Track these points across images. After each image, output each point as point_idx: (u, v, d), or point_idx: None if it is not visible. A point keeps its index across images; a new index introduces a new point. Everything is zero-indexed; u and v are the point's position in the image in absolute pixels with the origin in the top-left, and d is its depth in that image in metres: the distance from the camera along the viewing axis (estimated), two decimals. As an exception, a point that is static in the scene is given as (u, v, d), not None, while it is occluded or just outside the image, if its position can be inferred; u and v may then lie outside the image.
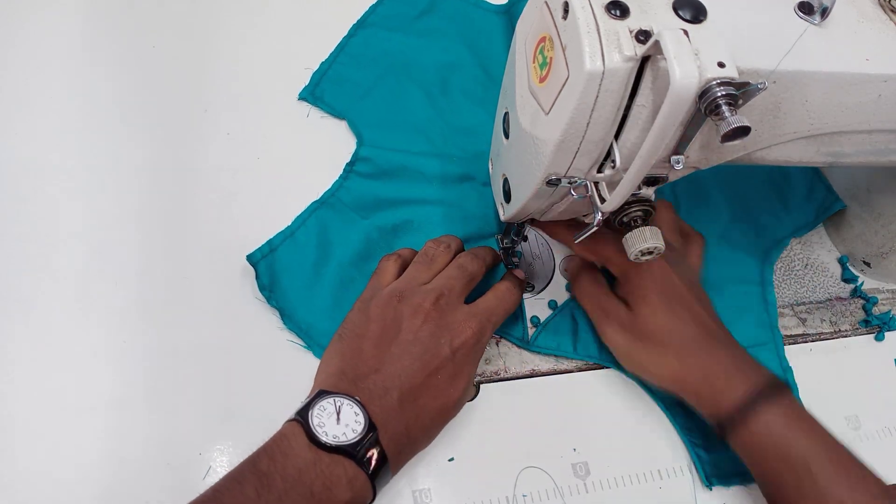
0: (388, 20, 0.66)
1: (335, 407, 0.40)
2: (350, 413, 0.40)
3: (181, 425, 0.46)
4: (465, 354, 0.44)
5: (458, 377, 0.44)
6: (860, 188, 0.58)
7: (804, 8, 0.38)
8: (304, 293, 0.51)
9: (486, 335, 0.46)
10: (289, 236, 0.53)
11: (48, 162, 0.54)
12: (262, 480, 0.37)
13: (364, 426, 0.39)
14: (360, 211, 0.55)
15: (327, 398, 0.40)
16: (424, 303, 0.44)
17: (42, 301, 0.48)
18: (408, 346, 0.43)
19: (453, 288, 0.46)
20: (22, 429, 0.44)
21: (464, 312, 0.45)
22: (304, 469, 0.38)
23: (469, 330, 0.44)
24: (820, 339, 0.56)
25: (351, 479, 0.39)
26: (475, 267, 0.48)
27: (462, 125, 0.61)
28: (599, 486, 0.47)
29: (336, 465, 0.38)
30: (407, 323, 0.44)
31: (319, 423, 0.39)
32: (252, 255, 0.51)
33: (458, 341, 0.44)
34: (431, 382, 0.42)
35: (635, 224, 0.42)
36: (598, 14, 0.33)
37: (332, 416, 0.39)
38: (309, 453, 0.38)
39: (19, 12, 0.61)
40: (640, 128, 0.36)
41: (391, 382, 0.42)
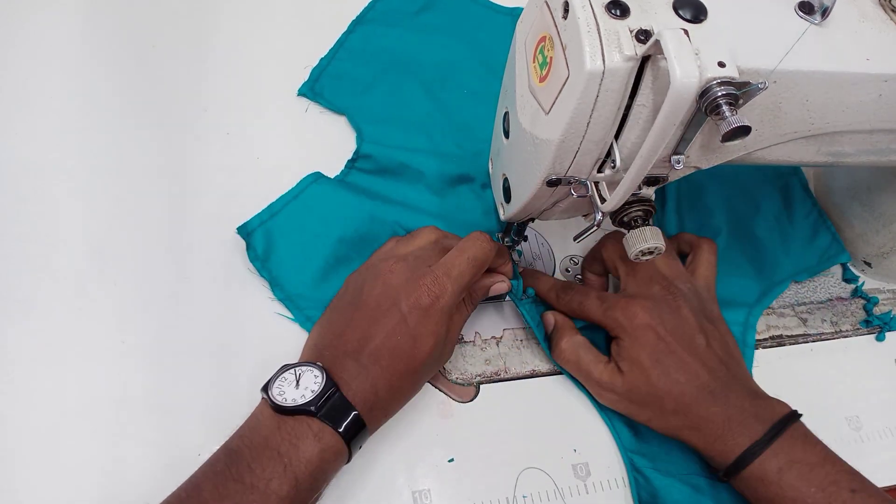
0: (387, 16, 0.66)
1: (295, 376, 0.41)
2: (310, 377, 0.41)
3: (180, 426, 0.46)
4: (420, 314, 0.43)
5: (418, 338, 0.43)
6: (861, 188, 0.58)
7: (804, 7, 0.38)
8: (299, 262, 0.51)
9: (446, 293, 0.44)
10: (291, 200, 0.53)
11: (48, 162, 0.54)
12: (230, 456, 0.39)
13: (322, 385, 0.40)
14: (367, 194, 0.55)
15: (289, 369, 0.41)
16: (385, 266, 0.45)
17: (42, 301, 0.48)
18: (368, 311, 0.43)
19: (420, 256, 0.46)
20: (21, 429, 0.44)
21: (419, 272, 0.44)
22: (270, 436, 0.39)
23: (422, 287, 0.43)
24: (821, 339, 0.56)
25: (317, 433, 0.39)
26: (454, 241, 0.48)
27: (462, 122, 0.61)
28: (600, 486, 0.47)
29: (299, 424, 0.39)
30: (367, 288, 0.44)
31: (279, 392, 0.40)
32: (248, 223, 0.51)
33: (410, 300, 0.43)
34: (391, 343, 0.42)
35: (635, 224, 0.42)
36: (598, 14, 0.33)
37: (292, 384, 0.41)
38: (272, 421, 0.40)
39: (19, 12, 0.61)
40: (641, 127, 0.35)
41: (351, 347, 0.42)
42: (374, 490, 0.44)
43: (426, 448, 0.47)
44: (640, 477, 0.47)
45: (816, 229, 0.61)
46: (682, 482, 0.47)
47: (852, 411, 0.53)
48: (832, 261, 0.59)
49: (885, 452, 0.51)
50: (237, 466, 0.38)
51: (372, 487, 0.44)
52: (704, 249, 0.52)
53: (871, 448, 0.51)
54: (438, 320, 0.44)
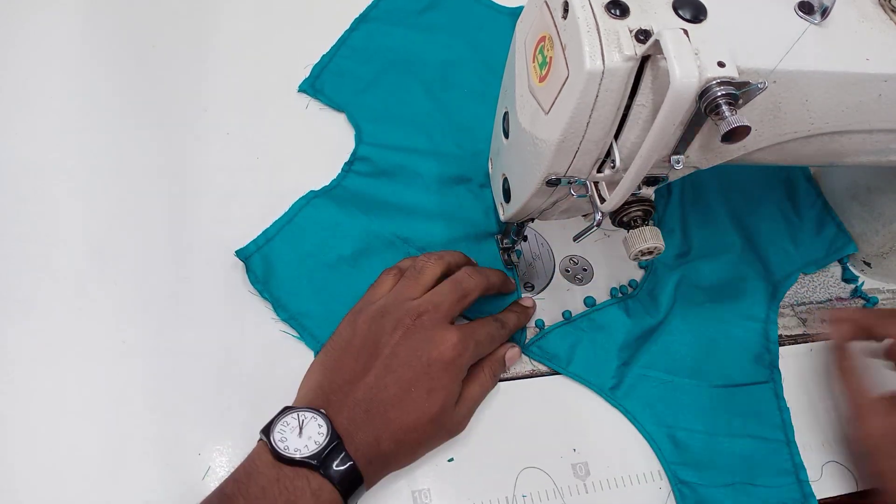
0: (390, 15, 0.66)
1: (298, 422, 0.40)
2: (314, 426, 0.40)
3: (180, 425, 0.45)
4: (442, 368, 0.43)
5: (434, 392, 0.43)
6: (860, 188, 0.58)
7: (804, 7, 0.38)
8: (299, 282, 0.51)
9: (467, 353, 0.45)
10: (286, 224, 0.53)
11: (48, 162, 0.54)
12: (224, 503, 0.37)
13: (326, 437, 0.39)
14: (361, 206, 0.55)
15: (291, 413, 0.40)
16: (406, 318, 0.44)
17: (42, 301, 0.48)
18: (384, 360, 0.43)
19: (440, 304, 0.45)
20: (21, 428, 0.44)
21: (445, 327, 0.44)
22: (267, 486, 0.38)
23: (447, 342, 0.44)
24: (821, 339, 0.56)
25: (315, 490, 0.38)
26: (472, 283, 0.47)
27: (461, 122, 0.61)
28: (599, 486, 0.47)
29: (299, 478, 0.38)
30: (386, 338, 0.44)
31: (281, 439, 0.39)
32: (244, 248, 0.51)
33: (435, 353, 0.43)
34: (405, 395, 0.42)
35: (635, 224, 0.42)
36: (597, 13, 0.33)
37: (295, 431, 0.39)
38: (272, 470, 0.38)
39: (19, 12, 0.61)
40: (640, 127, 0.35)
41: (361, 395, 0.42)
42: (374, 490, 0.44)
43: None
44: (686, 488, 0.47)
45: (822, 220, 0.61)
46: (727, 490, 0.47)
47: (852, 411, 0.53)
48: (840, 252, 0.59)
49: (884, 452, 0.51)
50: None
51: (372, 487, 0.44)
52: None
53: (871, 448, 0.51)
54: (455, 376, 0.44)
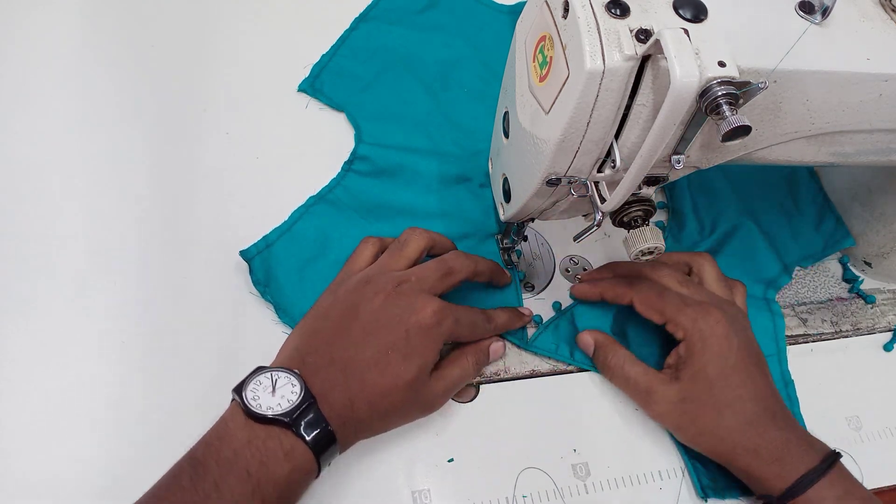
0: (390, 14, 0.66)
1: (271, 381, 0.40)
2: (287, 385, 0.40)
3: (180, 425, 0.45)
4: (420, 333, 0.43)
5: (410, 357, 0.42)
6: (861, 188, 0.58)
7: (805, 7, 0.38)
8: (300, 288, 0.51)
9: (447, 323, 0.44)
10: (285, 231, 0.53)
11: (47, 161, 0.54)
12: (196, 469, 0.37)
13: (299, 395, 0.39)
14: (359, 210, 0.55)
15: (264, 373, 0.40)
16: (387, 285, 0.44)
17: (41, 301, 0.48)
18: (363, 323, 0.43)
19: (423, 277, 0.45)
20: (20, 428, 0.44)
21: (426, 295, 0.44)
22: (239, 450, 0.38)
23: (428, 310, 0.43)
24: (821, 339, 0.56)
25: (288, 451, 0.38)
26: (458, 264, 0.47)
27: (461, 121, 0.61)
28: (600, 486, 0.47)
29: (271, 438, 0.38)
30: (366, 303, 0.43)
31: (254, 397, 0.39)
32: (247, 250, 0.51)
33: (413, 319, 0.43)
34: (381, 358, 0.42)
35: (635, 224, 0.42)
36: (598, 13, 0.33)
37: (268, 390, 0.39)
38: (244, 432, 0.38)
39: (18, 11, 0.61)
40: (641, 127, 0.35)
41: (337, 355, 0.41)
42: (374, 490, 0.44)
43: (426, 448, 0.47)
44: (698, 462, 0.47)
45: (822, 214, 0.61)
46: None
47: (852, 411, 0.53)
48: (838, 245, 0.60)
49: (885, 452, 0.51)
50: (203, 483, 0.36)
51: (372, 487, 0.44)
52: (739, 292, 0.51)
53: (871, 448, 0.51)
54: (433, 343, 0.43)
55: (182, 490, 0.36)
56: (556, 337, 0.52)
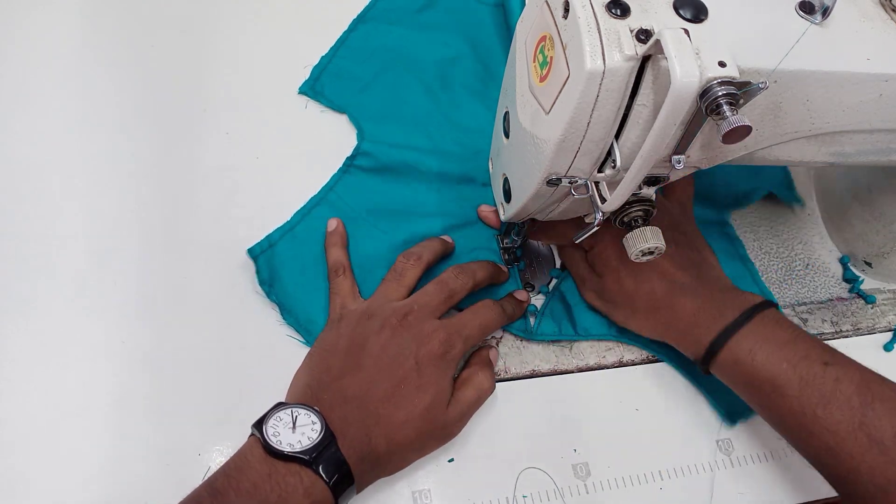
0: (388, 14, 0.66)
1: (291, 417, 0.40)
2: (307, 421, 0.40)
3: (180, 426, 0.45)
4: (431, 364, 0.43)
5: (423, 388, 0.43)
6: (861, 188, 0.58)
7: (805, 7, 0.38)
8: (304, 288, 0.51)
9: (456, 348, 0.45)
10: (288, 231, 0.53)
11: (47, 161, 0.54)
12: (215, 498, 0.37)
13: (320, 433, 0.39)
14: (360, 210, 0.55)
15: (284, 409, 0.40)
16: (392, 318, 0.44)
17: (41, 301, 0.48)
18: (373, 358, 0.43)
19: (426, 304, 0.45)
20: (20, 429, 0.44)
21: (432, 324, 0.45)
22: (259, 482, 0.37)
23: (435, 339, 0.44)
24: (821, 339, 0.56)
25: (308, 488, 0.38)
26: (458, 284, 0.47)
27: (462, 120, 0.61)
28: (600, 486, 0.47)
29: (291, 475, 0.38)
30: (373, 339, 0.44)
31: (274, 433, 0.39)
32: (252, 248, 0.51)
33: (423, 350, 0.43)
34: (395, 392, 0.42)
35: (636, 224, 0.42)
36: (598, 13, 0.33)
37: (288, 426, 0.39)
38: (264, 466, 0.38)
39: (18, 11, 0.61)
40: (641, 127, 0.35)
41: (352, 392, 0.42)
42: (374, 490, 0.44)
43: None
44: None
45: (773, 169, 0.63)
46: None
47: (853, 411, 0.52)
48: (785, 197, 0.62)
49: (885, 452, 0.51)
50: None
51: (372, 487, 0.44)
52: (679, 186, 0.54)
53: (872, 448, 0.51)
54: (445, 372, 0.44)
55: None
56: (555, 319, 0.53)
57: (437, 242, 0.51)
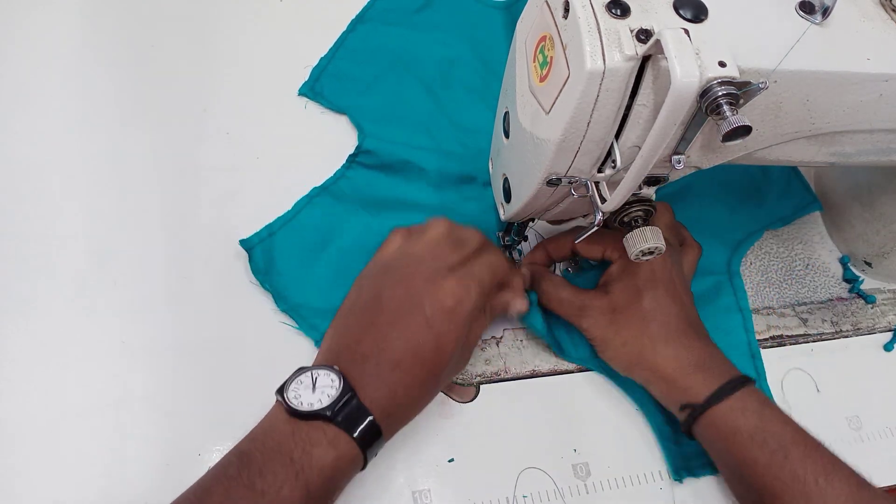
0: (387, 14, 0.66)
1: (311, 378, 0.40)
2: (326, 381, 0.40)
3: (180, 426, 0.45)
4: (444, 317, 0.42)
5: (441, 341, 0.42)
6: (862, 188, 0.58)
7: (805, 7, 0.38)
8: (300, 275, 0.51)
9: (471, 297, 0.43)
10: (289, 220, 0.53)
11: (47, 161, 0.54)
12: (242, 459, 0.38)
13: (339, 389, 0.39)
14: (362, 202, 0.55)
15: (305, 372, 0.41)
16: (403, 268, 0.44)
17: (41, 301, 0.48)
18: (388, 315, 0.43)
19: (438, 255, 0.45)
20: (20, 428, 0.44)
21: (443, 275, 0.44)
22: (283, 440, 0.38)
23: (446, 290, 0.43)
24: (821, 339, 0.56)
25: (332, 439, 0.38)
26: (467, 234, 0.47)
27: (463, 121, 0.61)
28: (600, 486, 0.47)
29: (314, 430, 0.38)
30: (388, 291, 0.43)
31: (295, 396, 0.39)
32: (248, 239, 0.51)
33: (436, 304, 0.42)
34: (412, 347, 0.42)
35: (636, 224, 0.42)
36: (598, 13, 0.33)
37: (308, 388, 0.40)
38: (287, 426, 0.39)
39: (18, 11, 0.61)
40: (641, 127, 0.35)
41: (369, 350, 0.42)
42: (374, 490, 0.44)
43: (426, 448, 0.47)
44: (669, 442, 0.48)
45: (789, 181, 0.63)
46: None
47: (852, 411, 0.53)
48: (805, 210, 0.61)
49: (885, 452, 0.51)
50: (248, 471, 0.37)
51: (372, 487, 0.44)
52: (692, 252, 0.53)
53: (871, 448, 0.51)
54: (461, 323, 0.43)
55: (228, 479, 0.37)
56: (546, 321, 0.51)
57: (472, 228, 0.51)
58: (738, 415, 0.43)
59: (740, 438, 0.43)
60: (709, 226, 0.58)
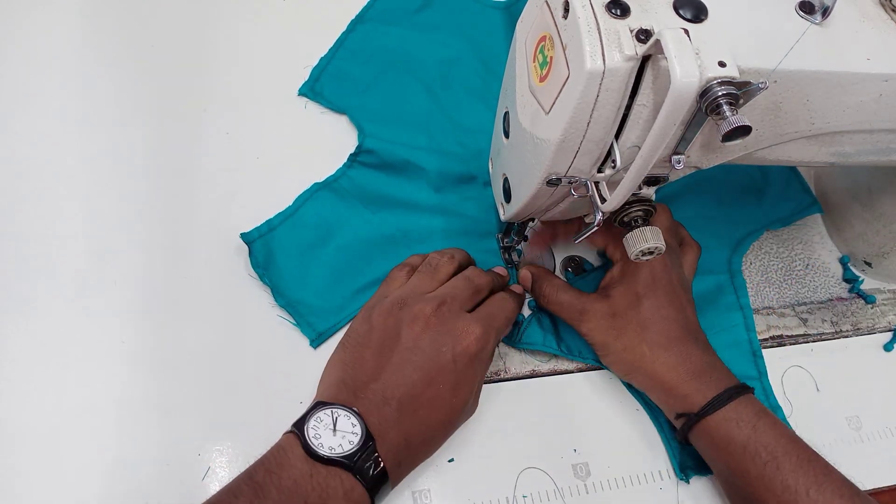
0: (386, 15, 0.66)
1: (332, 418, 0.39)
2: (347, 424, 0.39)
3: (180, 426, 0.45)
4: (468, 362, 0.43)
5: (459, 386, 0.43)
6: (861, 188, 0.58)
7: (805, 7, 0.38)
8: (299, 273, 0.51)
9: (490, 343, 0.44)
10: (289, 216, 0.53)
11: (47, 162, 0.54)
12: (257, 492, 0.37)
13: (361, 437, 0.39)
14: (363, 200, 0.55)
15: (324, 409, 0.40)
16: (425, 309, 0.44)
17: (41, 301, 0.48)
18: (408, 354, 0.42)
19: (456, 297, 0.45)
20: (21, 429, 0.44)
21: (465, 319, 0.44)
22: (300, 480, 0.37)
23: (471, 336, 0.43)
24: (821, 339, 0.56)
25: (347, 491, 0.38)
26: (483, 280, 0.48)
27: (463, 121, 0.61)
28: (600, 486, 0.47)
29: (332, 477, 0.38)
30: (406, 330, 0.43)
31: (315, 435, 0.39)
32: (248, 233, 0.52)
33: (459, 348, 0.43)
34: (432, 392, 0.42)
35: (636, 224, 0.42)
36: (598, 13, 0.33)
37: (329, 428, 0.39)
38: (305, 465, 0.38)
39: (18, 11, 0.61)
40: (641, 127, 0.35)
41: (390, 392, 0.41)
42: (374, 490, 0.44)
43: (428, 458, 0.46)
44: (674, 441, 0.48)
45: (789, 182, 0.63)
46: None
47: (852, 411, 0.53)
48: (805, 212, 0.61)
49: (885, 452, 0.51)
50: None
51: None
52: (691, 252, 0.53)
53: (871, 448, 0.51)
54: (479, 369, 0.44)
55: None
56: (543, 329, 0.52)
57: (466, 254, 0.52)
58: (732, 425, 0.43)
59: (733, 449, 0.43)
60: (709, 226, 0.58)
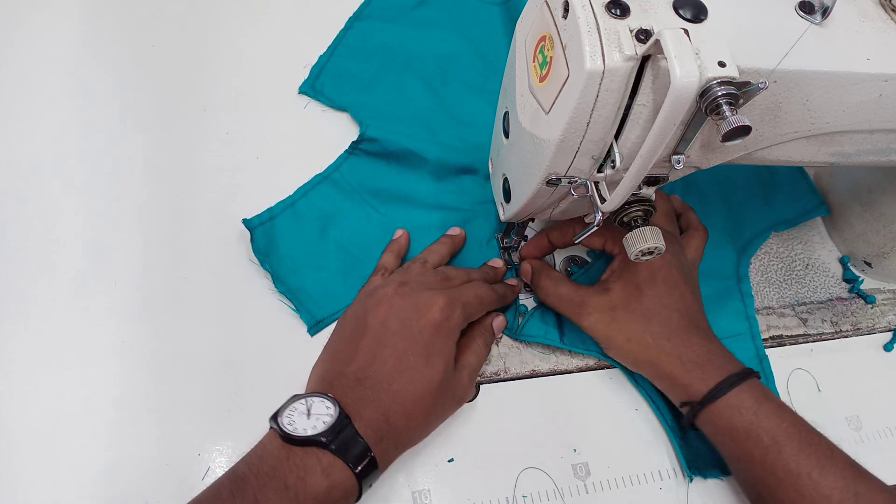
0: (384, 12, 0.66)
1: (306, 406, 0.40)
2: (321, 408, 0.40)
3: (180, 425, 0.45)
4: (434, 332, 0.43)
5: (431, 357, 0.43)
6: (861, 188, 0.58)
7: (805, 7, 0.38)
8: (298, 260, 0.52)
9: (456, 314, 0.44)
10: (290, 205, 0.54)
11: (48, 162, 0.54)
12: (236, 483, 0.38)
13: (334, 417, 0.39)
14: (363, 193, 0.55)
15: (299, 400, 0.40)
16: (388, 291, 0.45)
17: (41, 301, 0.48)
18: (377, 335, 0.43)
19: (421, 280, 0.46)
20: (21, 429, 0.44)
21: (428, 292, 0.44)
22: (277, 465, 0.38)
23: (434, 306, 0.43)
24: (821, 339, 0.56)
25: (326, 468, 0.38)
26: (455, 273, 0.49)
27: (463, 116, 0.61)
28: (600, 486, 0.47)
29: (309, 456, 0.38)
30: (372, 315, 0.44)
31: (290, 422, 0.39)
32: (250, 220, 0.52)
33: (423, 319, 0.43)
34: (404, 366, 0.42)
35: (636, 224, 0.42)
36: (598, 13, 0.33)
37: (303, 415, 0.40)
38: (282, 451, 0.38)
39: (18, 12, 0.61)
40: (641, 127, 0.35)
41: (363, 373, 0.42)
42: (374, 490, 0.44)
43: (426, 448, 0.47)
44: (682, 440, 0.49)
45: (796, 184, 0.63)
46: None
47: (852, 411, 0.53)
48: (811, 213, 0.61)
49: (885, 452, 0.51)
50: (242, 495, 0.37)
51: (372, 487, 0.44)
52: (698, 236, 0.53)
53: (871, 448, 0.51)
54: (448, 339, 0.44)
55: (222, 502, 0.37)
56: (544, 322, 0.52)
57: (444, 247, 0.52)
58: (735, 412, 0.44)
59: (736, 435, 0.43)
60: (716, 226, 0.58)
